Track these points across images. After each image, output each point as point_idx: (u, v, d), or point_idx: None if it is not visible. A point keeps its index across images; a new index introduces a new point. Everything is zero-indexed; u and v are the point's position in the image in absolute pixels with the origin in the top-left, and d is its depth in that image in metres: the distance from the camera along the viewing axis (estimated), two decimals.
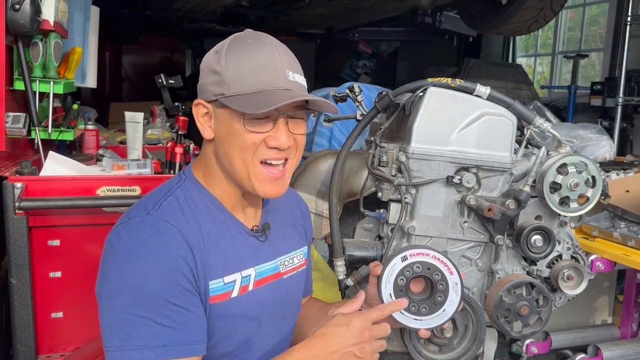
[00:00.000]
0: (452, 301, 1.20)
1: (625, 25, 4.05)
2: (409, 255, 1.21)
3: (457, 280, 1.20)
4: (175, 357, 1.02)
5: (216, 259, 1.11)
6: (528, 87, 5.48)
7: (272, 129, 1.09)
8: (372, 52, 7.45)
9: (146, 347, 1.00)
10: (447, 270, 1.20)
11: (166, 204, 1.10)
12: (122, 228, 1.07)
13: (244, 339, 1.17)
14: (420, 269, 1.20)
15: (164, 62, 8.08)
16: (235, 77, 1.07)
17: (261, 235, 1.22)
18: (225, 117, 1.10)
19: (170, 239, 1.05)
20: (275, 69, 1.08)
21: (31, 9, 1.96)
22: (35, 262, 1.95)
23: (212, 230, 1.13)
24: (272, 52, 1.10)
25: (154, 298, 1.01)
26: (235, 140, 1.09)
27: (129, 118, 2.69)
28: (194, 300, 1.06)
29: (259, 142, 1.09)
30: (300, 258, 1.34)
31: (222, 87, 1.08)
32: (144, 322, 1.00)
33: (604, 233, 2.16)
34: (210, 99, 1.11)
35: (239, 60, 1.08)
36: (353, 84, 1.84)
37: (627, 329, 2.65)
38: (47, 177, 2.00)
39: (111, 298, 1.03)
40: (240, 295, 1.15)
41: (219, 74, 1.09)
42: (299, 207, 1.40)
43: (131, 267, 1.02)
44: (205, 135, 1.15)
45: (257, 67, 1.08)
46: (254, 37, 1.12)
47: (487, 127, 1.47)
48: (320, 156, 1.78)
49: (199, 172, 1.19)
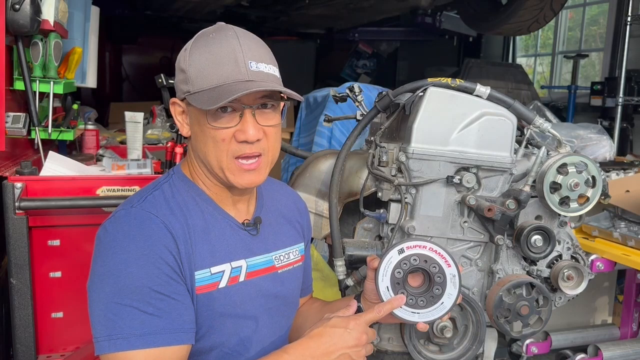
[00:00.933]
0: (450, 294, 1.19)
1: (625, 25, 4.04)
2: (405, 247, 1.20)
3: (454, 273, 1.19)
4: (162, 345, 1.02)
5: (203, 249, 1.12)
6: (528, 87, 5.48)
7: (238, 122, 1.09)
8: (372, 52, 7.46)
9: (132, 336, 1.01)
10: (445, 263, 1.19)
11: (151, 197, 1.12)
12: (108, 223, 1.09)
13: (235, 332, 1.17)
14: (417, 261, 1.19)
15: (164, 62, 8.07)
16: (198, 74, 1.08)
17: (252, 229, 1.22)
18: (194, 114, 1.11)
19: (153, 229, 1.06)
20: (235, 61, 1.07)
21: (31, 9, 1.95)
22: (35, 262, 1.95)
23: (199, 222, 1.13)
24: (233, 44, 1.08)
25: (139, 287, 1.02)
26: (205, 137, 1.10)
27: (129, 118, 2.69)
28: (179, 289, 1.07)
29: (228, 137, 1.09)
30: (296, 254, 1.34)
31: (188, 85, 1.09)
32: (129, 310, 1.01)
33: (604, 233, 2.16)
34: (181, 97, 1.13)
35: (200, 56, 1.08)
36: (353, 84, 1.84)
37: (627, 329, 2.65)
38: (47, 177, 2.00)
39: (97, 289, 1.04)
40: (229, 285, 1.15)
41: (184, 72, 1.10)
42: (295, 205, 1.41)
43: (115, 257, 1.03)
44: (184, 132, 1.17)
45: (217, 61, 1.07)
46: (217, 31, 1.11)
47: (487, 127, 1.47)
48: (320, 156, 1.78)
49: (187, 169, 1.21)
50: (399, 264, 1.19)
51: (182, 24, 6.62)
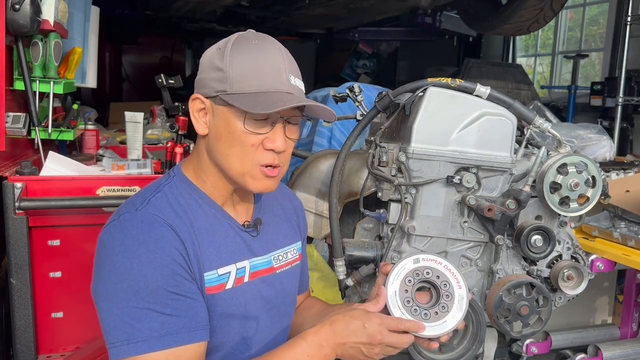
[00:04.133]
0: (454, 314, 1.17)
1: (625, 25, 4.04)
2: (422, 259, 1.20)
3: (463, 295, 1.18)
4: (182, 344, 1.03)
5: (209, 251, 1.12)
6: (528, 87, 5.47)
7: (269, 131, 1.10)
8: (372, 52, 7.45)
9: (152, 338, 1.01)
10: (456, 283, 1.19)
11: (155, 200, 1.11)
12: (112, 226, 1.08)
13: (239, 332, 1.18)
14: (430, 274, 1.19)
15: (164, 62, 8.08)
16: (239, 76, 1.08)
17: (253, 230, 1.23)
18: (225, 114, 1.10)
19: (162, 232, 1.06)
20: (279, 72, 1.09)
21: (31, 9, 1.95)
22: (35, 262, 1.95)
23: (203, 224, 1.14)
24: (277, 55, 1.11)
25: (154, 289, 1.02)
26: (232, 139, 1.10)
27: (129, 118, 2.69)
28: (192, 288, 1.07)
29: (257, 143, 1.10)
30: (294, 253, 1.34)
31: (225, 84, 1.08)
32: (146, 313, 1.01)
33: (604, 233, 2.16)
34: (210, 94, 1.11)
35: (243, 60, 1.08)
36: (353, 84, 1.83)
37: (627, 329, 2.65)
38: (47, 177, 2.00)
39: (110, 295, 1.03)
40: (236, 286, 1.16)
41: (222, 70, 1.09)
42: (291, 203, 1.41)
43: (127, 261, 1.02)
44: (199, 131, 1.15)
45: (261, 68, 1.08)
46: (259, 38, 1.13)
47: (487, 127, 1.47)
48: (320, 156, 1.78)
49: (189, 169, 1.20)
50: (412, 273, 1.19)
51: (182, 24, 6.62)
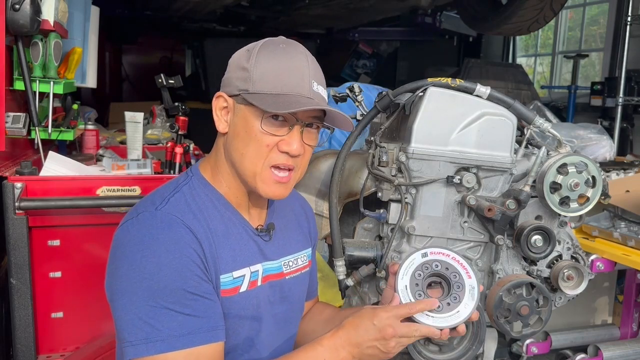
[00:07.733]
0: (467, 304, 1.18)
1: (625, 25, 4.04)
2: (429, 252, 1.21)
3: (474, 285, 1.19)
4: (201, 344, 1.04)
5: (225, 254, 1.13)
6: (528, 87, 5.47)
7: (287, 133, 1.11)
8: (372, 52, 7.46)
9: (171, 337, 1.01)
10: (466, 274, 1.20)
11: (174, 200, 1.12)
12: (130, 224, 1.08)
13: (247, 336, 1.18)
14: (439, 267, 1.20)
15: (164, 62, 8.08)
16: (262, 76, 1.09)
17: (265, 235, 1.23)
18: (245, 113, 1.11)
19: (181, 233, 1.06)
20: (302, 77, 1.10)
21: (31, 9, 1.95)
22: (35, 262, 1.95)
23: (219, 226, 1.14)
24: (302, 60, 1.12)
25: (173, 290, 1.02)
26: (249, 138, 1.11)
27: (129, 118, 2.69)
28: (210, 289, 1.08)
29: (272, 145, 1.11)
30: (305, 259, 1.35)
31: (247, 84, 1.10)
32: (165, 312, 1.02)
33: (604, 233, 2.16)
34: (233, 92, 1.13)
35: (268, 61, 1.10)
36: (353, 84, 1.83)
37: (627, 329, 2.65)
38: (47, 177, 2.00)
39: (129, 293, 1.03)
40: (249, 290, 1.17)
41: (247, 70, 1.10)
42: (303, 209, 1.41)
43: (146, 261, 1.03)
44: (220, 128, 1.16)
45: (285, 71, 1.10)
46: (287, 43, 1.15)
47: (487, 127, 1.47)
48: (320, 156, 1.78)
49: (207, 169, 1.20)
50: (421, 267, 1.19)
51: (182, 24, 6.62)
